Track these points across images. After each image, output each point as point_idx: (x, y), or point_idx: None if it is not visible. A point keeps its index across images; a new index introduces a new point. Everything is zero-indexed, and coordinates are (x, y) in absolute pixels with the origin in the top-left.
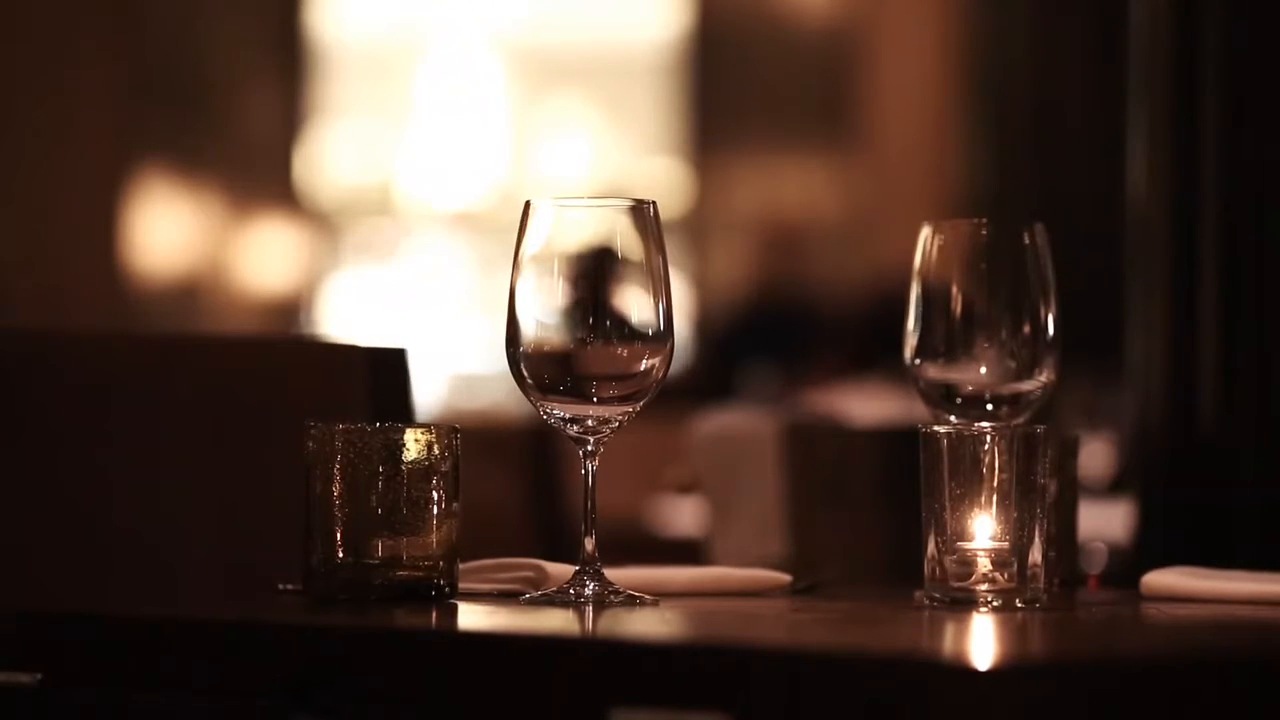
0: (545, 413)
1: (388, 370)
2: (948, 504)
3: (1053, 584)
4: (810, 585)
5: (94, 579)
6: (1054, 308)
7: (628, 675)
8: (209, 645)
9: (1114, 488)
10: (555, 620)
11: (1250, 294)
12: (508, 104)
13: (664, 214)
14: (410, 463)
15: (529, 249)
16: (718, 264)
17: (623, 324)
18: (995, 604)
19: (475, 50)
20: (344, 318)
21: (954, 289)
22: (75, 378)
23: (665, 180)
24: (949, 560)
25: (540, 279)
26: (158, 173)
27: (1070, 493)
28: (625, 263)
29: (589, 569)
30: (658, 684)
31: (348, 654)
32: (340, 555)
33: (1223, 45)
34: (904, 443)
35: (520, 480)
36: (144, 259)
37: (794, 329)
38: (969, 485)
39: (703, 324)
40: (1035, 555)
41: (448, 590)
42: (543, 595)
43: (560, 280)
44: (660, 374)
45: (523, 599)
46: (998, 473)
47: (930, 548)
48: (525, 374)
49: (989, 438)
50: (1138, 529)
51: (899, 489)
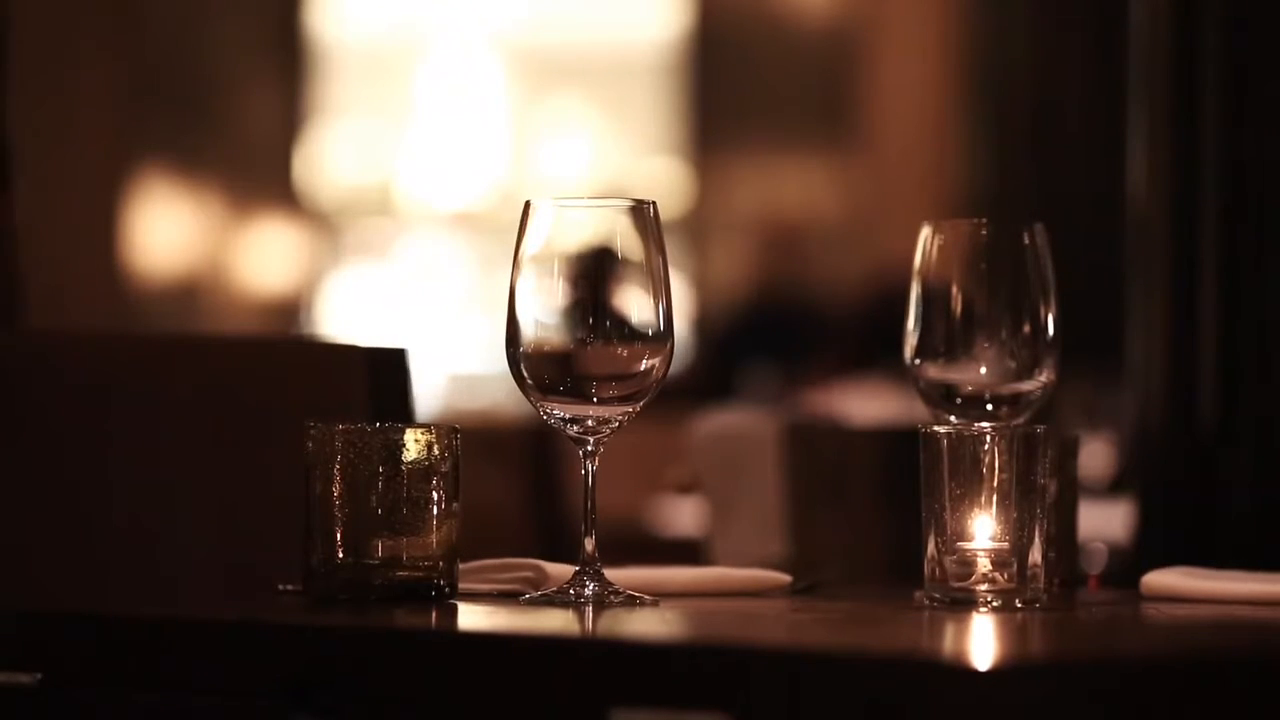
0: (545, 413)
1: (388, 370)
2: (948, 504)
3: (1053, 584)
4: (810, 585)
5: (94, 579)
6: (1054, 308)
7: (628, 675)
8: (209, 645)
9: (1114, 488)
10: (555, 620)
11: (1250, 294)
12: (508, 104)
13: (664, 214)
14: (410, 463)
15: (529, 249)
16: (718, 264)
17: (623, 324)
18: (995, 604)
19: (475, 50)
20: (344, 318)
21: (954, 289)
22: (75, 378)
23: (665, 180)
24: (949, 560)
25: (540, 279)
26: (158, 173)
27: (1070, 493)
28: (625, 263)
29: (589, 569)
30: (658, 684)
31: (348, 654)
32: (340, 555)
33: (1223, 45)
34: (904, 443)
35: (520, 480)
36: (144, 259)
37: (794, 329)
38: (969, 485)
39: (703, 324)
40: (1035, 555)
41: (448, 590)
42: (543, 595)
43: (560, 280)
44: (660, 374)
45: (523, 599)
46: (998, 473)
47: (930, 548)
48: (525, 374)
49: (989, 438)
50: (1138, 529)
51: (899, 489)
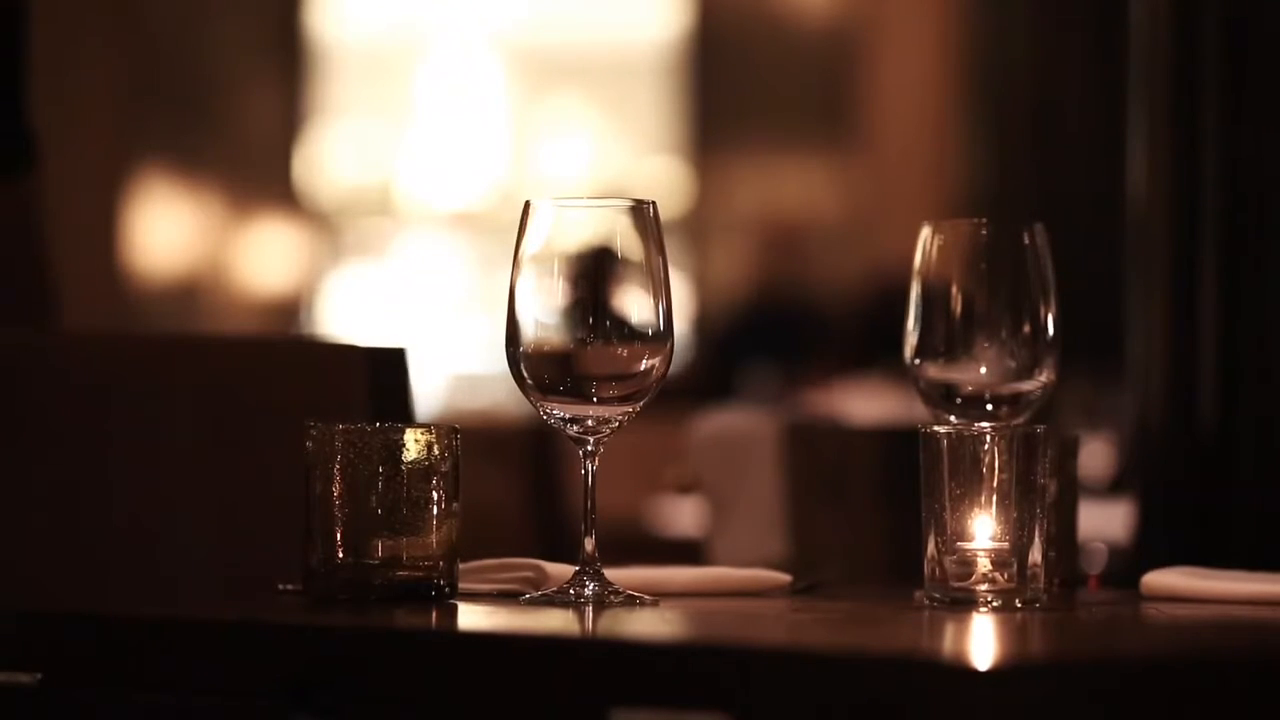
0: (545, 413)
1: (387, 370)
2: (948, 504)
3: (1053, 584)
4: (810, 585)
5: (94, 579)
6: (1054, 308)
7: (628, 675)
8: (209, 645)
9: (1114, 488)
10: (555, 620)
11: (1250, 294)
12: (508, 104)
13: (664, 214)
14: (410, 463)
15: (529, 249)
16: (718, 264)
17: (623, 324)
18: (995, 604)
19: (475, 50)
20: (344, 317)
21: (954, 289)
22: (75, 378)
23: (665, 180)
24: (949, 560)
25: (540, 279)
26: (158, 173)
27: (1070, 493)
28: (625, 263)
29: (589, 569)
30: (658, 684)
31: (348, 654)
32: (340, 555)
33: (1223, 45)
34: (904, 443)
35: (520, 480)
36: (144, 259)
37: (794, 329)
38: (969, 485)
39: (703, 324)
40: (1035, 555)
41: (448, 590)
42: (543, 595)
43: (560, 280)
44: (660, 374)
45: (523, 599)
46: (998, 473)
47: (930, 548)
48: (525, 374)
49: (989, 438)
50: (1138, 529)
51: (899, 489)
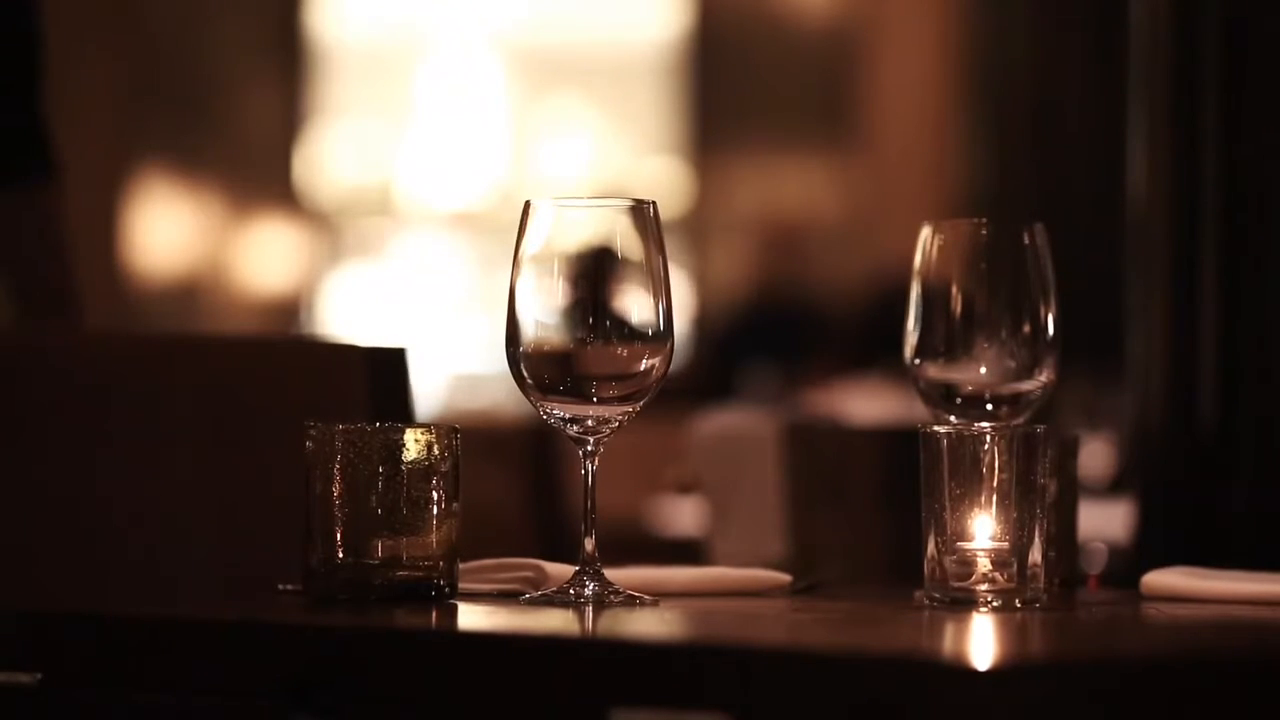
0: (545, 413)
1: (387, 370)
2: (948, 504)
3: (1053, 584)
4: (810, 585)
5: (94, 579)
6: (1054, 308)
7: (628, 675)
8: (209, 645)
9: (1114, 488)
10: (555, 620)
11: (1250, 294)
12: (508, 104)
13: (664, 214)
14: (410, 463)
15: (529, 249)
16: (718, 264)
17: (623, 324)
18: (995, 604)
19: (475, 50)
20: (344, 317)
21: (954, 289)
22: (75, 378)
23: (665, 180)
24: (949, 560)
25: (540, 279)
26: (158, 173)
27: (1070, 493)
28: (625, 263)
29: (589, 569)
30: (658, 684)
31: (348, 654)
32: (340, 555)
33: (1223, 45)
34: (904, 443)
35: (520, 480)
36: (144, 259)
37: (794, 329)
38: (969, 485)
39: (703, 324)
40: (1035, 555)
41: (448, 590)
42: (543, 595)
43: (560, 280)
44: (660, 374)
45: (523, 599)
46: (998, 473)
47: (930, 548)
48: (525, 374)
49: (989, 438)
50: (1138, 529)
51: (899, 489)
